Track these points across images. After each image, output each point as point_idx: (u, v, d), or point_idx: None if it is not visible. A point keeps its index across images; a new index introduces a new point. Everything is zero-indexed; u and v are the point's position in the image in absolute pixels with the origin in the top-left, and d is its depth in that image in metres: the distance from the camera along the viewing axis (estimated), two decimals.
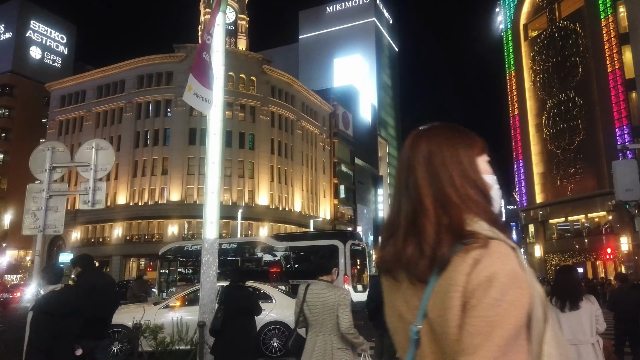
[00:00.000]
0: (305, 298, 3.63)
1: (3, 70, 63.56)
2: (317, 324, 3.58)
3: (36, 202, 6.57)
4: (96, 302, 4.63)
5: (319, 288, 3.66)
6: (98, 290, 4.82)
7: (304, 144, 57.21)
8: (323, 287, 3.66)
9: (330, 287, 3.70)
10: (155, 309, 9.05)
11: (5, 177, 59.57)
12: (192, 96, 5.81)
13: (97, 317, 4.75)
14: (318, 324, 3.57)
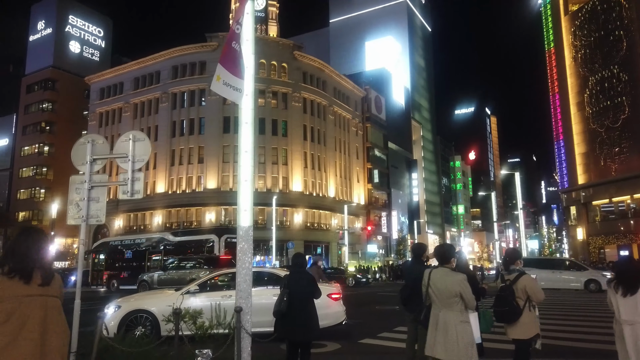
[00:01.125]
0: (430, 281, 4.46)
1: (45, 65, 65.94)
2: (440, 302, 4.36)
3: (79, 193, 6.82)
4: None
5: (442, 273, 4.45)
6: None
7: (336, 130, 57.03)
8: (445, 273, 4.44)
9: (451, 272, 4.45)
10: (177, 294, 9.29)
11: (51, 169, 62.22)
12: (221, 86, 5.86)
13: None
14: (441, 302, 4.35)
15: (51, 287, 2.47)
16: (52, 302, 2.44)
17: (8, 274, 2.38)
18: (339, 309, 9.46)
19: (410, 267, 6.36)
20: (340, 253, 52.51)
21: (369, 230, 56.48)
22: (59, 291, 2.52)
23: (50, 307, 2.43)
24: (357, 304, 17.37)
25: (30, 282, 2.41)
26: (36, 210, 62.03)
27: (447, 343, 4.15)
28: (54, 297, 2.44)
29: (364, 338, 9.60)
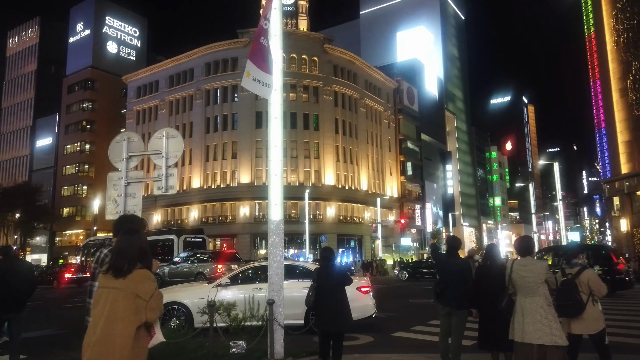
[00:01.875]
0: (512, 271, 4.72)
1: (84, 65, 68.23)
2: (525, 290, 4.60)
3: (116, 189, 7.06)
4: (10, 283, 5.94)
5: (526, 262, 4.72)
6: (12, 274, 6.07)
7: (368, 122, 56.68)
8: (529, 262, 4.73)
9: (535, 261, 4.79)
10: (209, 287, 9.47)
11: (92, 166, 64.51)
12: (251, 82, 5.93)
13: (12, 295, 5.96)
14: (526, 290, 4.59)
15: (126, 281, 2.81)
16: (121, 294, 2.79)
17: (106, 271, 2.90)
18: (369, 302, 9.46)
19: (444, 260, 6.29)
20: (374, 246, 52.33)
21: (402, 223, 56.02)
22: (137, 286, 2.82)
23: (119, 299, 2.77)
24: (391, 297, 17.30)
25: (118, 276, 2.82)
26: (79, 206, 64.52)
27: (537, 327, 4.38)
28: (127, 291, 2.79)
29: (397, 331, 9.57)
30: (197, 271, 22.35)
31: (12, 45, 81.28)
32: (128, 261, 2.87)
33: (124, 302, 2.78)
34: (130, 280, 2.83)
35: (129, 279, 2.83)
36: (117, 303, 2.78)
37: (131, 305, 2.79)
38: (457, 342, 5.86)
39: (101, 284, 2.90)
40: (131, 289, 2.82)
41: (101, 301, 2.83)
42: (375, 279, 28.90)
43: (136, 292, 2.81)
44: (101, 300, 2.83)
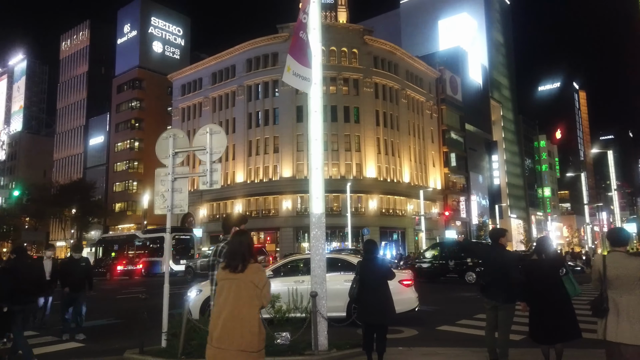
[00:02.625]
0: (606, 267, 4.28)
1: (132, 66, 70.74)
2: (620, 287, 4.21)
3: (164, 184, 7.31)
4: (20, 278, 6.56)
5: (619, 257, 4.29)
6: (23, 270, 6.80)
7: (409, 113, 55.86)
8: (623, 257, 4.29)
9: (629, 256, 4.33)
10: None
11: (141, 163, 66.97)
12: (291, 76, 5.98)
13: (23, 289, 6.52)
14: (622, 287, 4.20)
15: (245, 274, 3.40)
16: (242, 284, 3.39)
17: (224, 266, 3.51)
18: (411, 296, 9.37)
19: (488, 252, 6.14)
20: (417, 239, 51.71)
21: (446, 215, 55.01)
22: (253, 276, 3.42)
23: (241, 288, 3.37)
24: (436, 291, 17.08)
25: (234, 270, 3.41)
26: (130, 201, 67.21)
27: (634, 326, 4.07)
28: (247, 281, 3.39)
29: (442, 325, 9.45)
30: None
31: (65, 49, 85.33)
32: (241, 259, 3.46)
33: (245, 290, 3.38)
34: (247, 273, 3.42)
35: (245, 272, 3.42)
36: (240, 291, 3.38)
37: (251, 292, 3.38)
38: (504, 337, 5.72)
39: (222, 276, 3.51)
40: (249, 279, 3.40)
41: (224, 291, 3.43)
42: None
43: (252, 281, 3.40)
44: (224, 290, 3.43)
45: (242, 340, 3.25)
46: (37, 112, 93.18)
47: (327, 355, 6.40)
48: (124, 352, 6.97)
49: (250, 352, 3.25)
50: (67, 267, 9.03)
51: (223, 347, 3.25)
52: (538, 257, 5.67)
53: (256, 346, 3.30)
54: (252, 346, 3.27)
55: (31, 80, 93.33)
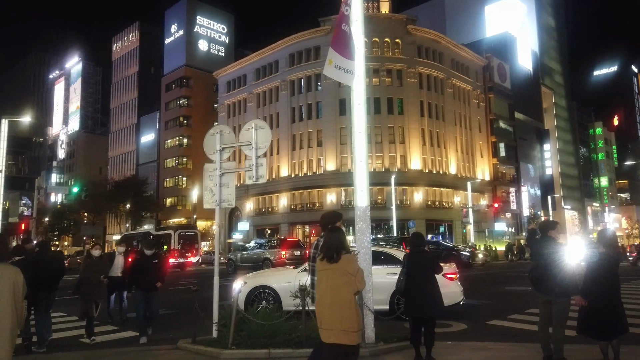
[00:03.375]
0: None
1: (179, 64, 72.83)
2: None
3: (212, 179, 7.51)
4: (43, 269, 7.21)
5: None
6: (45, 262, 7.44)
7: (455, 103, 54.49)
8: None
9: None
10: (295, 272, 9.76)
11: (190, 159, 69.03)
12: (333, 69, 5.96)
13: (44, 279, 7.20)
14: None
15: (339, 263, 3.88)
16: (338, 273, 3.87)
17: (322, 258, 4.01)
18: (456, 289, 9.20)
19: (539, 245, 5.93)
20: (465, 232, 50.58)
21: (495, 207, 53.43)
22: (346, 265, 3.90)
23: (337, 276, 3.86)
24: (485, 285, 16.70)
25: (330, 261, 3.91)
26: (180, 196, 69.49)
27: None
28: (341, 270, 3.87)
29: (492, 319, 9.23)
30: (264, 257, 24.88)
31: (117, 50, 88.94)
32: (335, 251, 3.93)
33: (341, 278, 3.86)
34: (341, 263, 3.89)
35: (340, 262, 3.89)
36: (336, 279, 3.86)
37: (346, 279, 3.84)
38: (559, 332, 5.51)
39: (320, 267, 4.04)
40: (343, 268, 3.88)
41: (323, 280, 3.97)
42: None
43: (346, 269, 3.87)
44: (323, 279, 3.97)
45: (343, 322, 3.74)
46: (92, 112, 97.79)
47: (375, 348, 6.40)
48: (178, 341, 7.24)
49: (352, 332, 3.75)
50: (139, 264, 8.27)
51: (331, 329, 3.76)
52: (599, 250, 5.43)
53: (356, 326, 3.80)
54: (353, 326, 3.77)
55: (86, 81, 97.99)
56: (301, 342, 6.45)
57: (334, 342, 3.75)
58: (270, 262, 24.09)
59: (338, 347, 3.75)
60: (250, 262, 25.31)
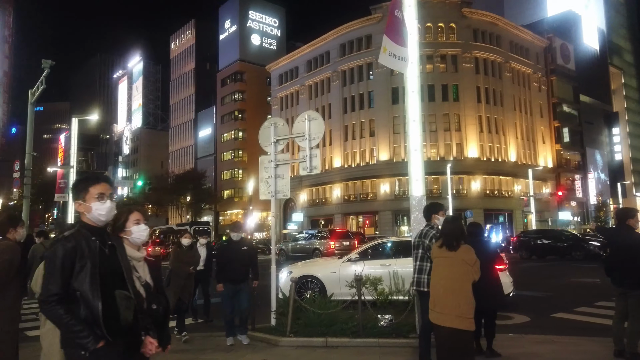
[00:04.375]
0: None
1: (233, 60, 74.42)
2: None
3: (267, 171, 7.66)
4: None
5: None
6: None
7: (514, 87, 52.19)
8: None
9: None
10: (340, 262, 9.78)
11: (245, 152, 70.64)
12: (387, 57, 5.88)
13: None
14: None
15: (457, 252, 4.05)
16: (455, 261, 4.04)
17: (441, 245, 4.19)
18: (505, 280, 8.91)
19: (615, 234, 5.62)
20: (526, 221, 48.59)
21: (559, 195, 50.85)
22: (464, 255, 4.06)
23: (455, 264, 4.03)
24: (548, 276, 16.03)
25: (450, 249, 4.07)
26: (236, 188, 71.38)
27: None
28: (459, 259, 4.04)
29: (557, 312, 8.86)
30: (314, 247, 25.45)
31: (174, 48, 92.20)
32: (455, 239, 4.09)
33: (458, 267, 4.01)
34: (460, 252, 4.06)
35: (458, 251, 4.05)
36: (454, 267, 4.03)
37: (463, 268, 3.99)
38: (634, 326, 5.21)
39: (438, 254, 4.20)
40: (461, 257, 4.03)
41: (441, 266, 4.13)
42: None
43: (464, 259, 4.03)
44: (441, 266, 4.14)
45: (459, 308, 3.89)
46: (153, 109, 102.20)
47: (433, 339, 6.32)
48: None
49: (466, 318, 3.90)
50: (225, 252, 7.05)
51: (445, 312, 3.94)
52: None
53: (470, 313, 3.93)
54: (467, 313, 3.91)
55: (147, 79, 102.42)
56: (358, 331, 6.49)
57: (449, 325, 3.91)
58: (320, 252, 24.59)
59: (451, 331, 3.91)
60: (301, 252, 25.90)
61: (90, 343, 2.26)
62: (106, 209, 2.53)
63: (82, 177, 2.69)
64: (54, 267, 2.32)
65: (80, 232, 2.45)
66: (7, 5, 41.12)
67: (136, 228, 2.83)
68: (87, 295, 2.32)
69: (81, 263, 2.34)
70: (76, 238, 2.40)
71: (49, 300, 2.27)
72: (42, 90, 18.07)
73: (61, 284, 2.29)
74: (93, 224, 2.52)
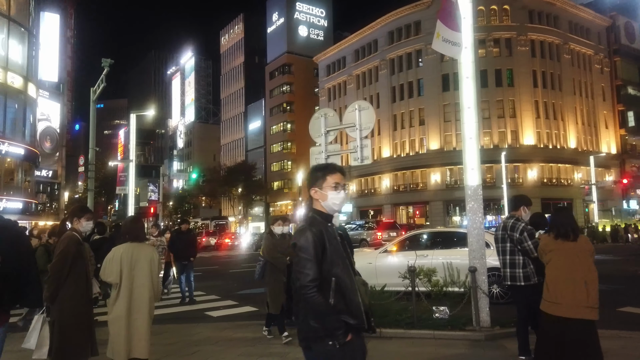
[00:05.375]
0: None
1: (281, 52, 74.99)
2: None
3: (318, 162, 7.67)
4: None
5: None
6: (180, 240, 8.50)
7: (574, 70, 49.46)
8: None
9: None
10: (376, 253, 9.67)
11: (294, 143, 71.28)
12: (441, 42, 5.71)
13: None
14: None
15: (578, 243, 3.98)
16: (576, 252, 3.94)
17: (555, 237, 4.08)
18: None
19: None
20: (587, 211, 46.22)
21: (624, 183, 47.91)
22: (586, 245, 4.02)
23: (576, 255, 3.93)
24: (615, 269, 15.20)
25: (567, 239, 3.99)
26: (286, 179, 72.27)
27: None
28: (581, 249, 3.97)
29: (625, 306, 8.41)
30: (361, 238, 25.48)
31: (224, 43, 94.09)
32: (572, 229, 4.03)
33: (584, 257, 3.95)
34: (581, 243, 4.01)
35: (579, 242, 4.00)
36: (578, 258, 3.95)
37: (589, 259, 3.97)
38: None
39: (554, 247, 4.08)
40: (583, 247, 4.00)
41: (562, 259, 3.99)
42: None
43: (587, 249, 4.01)
44: (562, 258, 4.00)
45: (589, 299, 3.87)
46: (205, 103, 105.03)
47: (491, 332, 6.16)
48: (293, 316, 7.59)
49: (595, 308, 3.90)
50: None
51: (574, 305, 3.88)
52: None
53: (597, 303, 3.93)
54: (596, 303, 3.90)
55: (199, 75, 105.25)
56: (412, 322, 6.43)
57: (580, 317, 3.87)
58: (367, 243, 24.54)
59: (580, 322, 3.89)
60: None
61: (342, 334, 2.24)
62: (340, 198, 2.52)
63: (321, 165, 2.69)
64: (308, 253, 2.31)
65: (316, 219, 2.45)
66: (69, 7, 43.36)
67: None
68: (345, 281, 2.31)
69: (331, 247, 2.35)
70: (316, 225, 2.40)
71: (308, 285, 2.26)
72: (102, 88, 18.98)
73: (317, 270, 2.29)
74: (325, 212, 2.51)
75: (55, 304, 4.07)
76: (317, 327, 2.26)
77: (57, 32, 36.76)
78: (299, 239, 2.37)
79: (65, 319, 4.06)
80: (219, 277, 15.94)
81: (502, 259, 5.21)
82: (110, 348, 4.21)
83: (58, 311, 4.06)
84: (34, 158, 29.80)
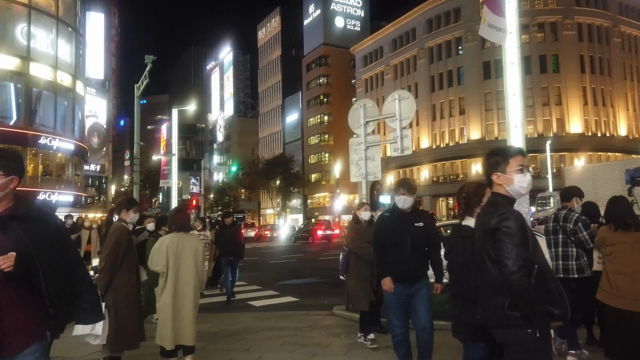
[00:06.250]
0: None
1: (317, 44, 74.86)
2: None
3: (357, 153, 7.64)
4: None
5: None
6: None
7: (624, 54, 46.96)
8: None
9: None
10: None
11: (331, 135, 71.26)
12: (486, 28, 5.56)
13: None
14: None
15: (637, 234, 3.82)
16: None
17: (615, 229, 3.93)
18: None
19: None
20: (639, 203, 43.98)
21: None
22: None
23: None
24: None
25: (628, 230, 3.85)
26: (323, 172, 72.43)
27: None
28: None
29: None
30: None
31: (261, 37, 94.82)
32: (633, 220, 3.90)
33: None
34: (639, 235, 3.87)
35: (637, 234, 3.86)
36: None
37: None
38: None
39: (616, 240, 3.93)
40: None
41: (627, 252, 3.84)
42: None
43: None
44: (627, 251, 3.84)
45: None
46: (243, 97, 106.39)
47: None
48: (333, 308, 7.64)
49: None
50: None
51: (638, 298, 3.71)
52: None
53: None
54: None
55: (237, 69, 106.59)
56: None
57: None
58: None
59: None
60: None
61: (545, 324, 2.17)
62: (527, 181, 2.44)
63: (498, 149, 2.59)
64: (518, 238, 2.21)
65: (501, 203, 2.37)
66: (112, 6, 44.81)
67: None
68: (547, 269, 2.25)
69: (530, 233, 2.29)
70: (510, 210, 2.32)
71: (520, 271, 2.16)
72: (146, 84, 19.53)
73: (527, 256, 2.20)
74: (510, 196, 2.43)
75: (110, 291, 4.25)
76: (515, 315, 2.18)
77: (102, 30, 38.14)
78: (507, 227, 2.23)
79: (120, 306, 4.25)
80: (259, 268, 16.20)
81: (553, 251, 5.01)
82: (158, 335, 4.36)
83: (113, 299, 4.25)
84: (82, 153, 31.12)
